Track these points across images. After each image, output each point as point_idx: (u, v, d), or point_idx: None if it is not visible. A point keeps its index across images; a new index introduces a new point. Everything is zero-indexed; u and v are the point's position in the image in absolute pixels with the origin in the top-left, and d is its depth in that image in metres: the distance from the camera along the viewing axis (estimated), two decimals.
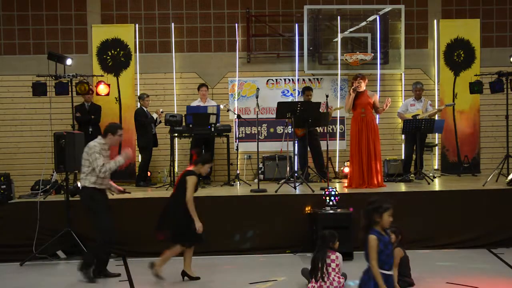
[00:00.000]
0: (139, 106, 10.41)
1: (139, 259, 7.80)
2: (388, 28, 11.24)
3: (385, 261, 4.57)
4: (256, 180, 9.68)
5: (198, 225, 6.52)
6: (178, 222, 6.57)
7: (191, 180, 6.55)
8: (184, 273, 6.80)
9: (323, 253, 6.21)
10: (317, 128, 10.27)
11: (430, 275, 6.84)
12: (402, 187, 9.15)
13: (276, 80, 11.48)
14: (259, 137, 10.88)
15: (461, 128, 11.28)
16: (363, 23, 11.33)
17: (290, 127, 10.24)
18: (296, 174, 9.17)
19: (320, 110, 9.58)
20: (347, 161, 10.31)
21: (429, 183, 9.16)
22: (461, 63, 11.28)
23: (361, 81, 8.89)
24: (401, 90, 11.50)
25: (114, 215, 8.06)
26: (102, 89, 9.75)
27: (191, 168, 6.75)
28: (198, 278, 6.80)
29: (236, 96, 11.41)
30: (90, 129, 10.21)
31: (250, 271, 7.16)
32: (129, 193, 7.42)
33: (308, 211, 8.02)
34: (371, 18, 11.26)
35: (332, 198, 7.83)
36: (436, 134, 11.11)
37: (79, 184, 8.64)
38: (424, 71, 11.56)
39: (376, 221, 4.59)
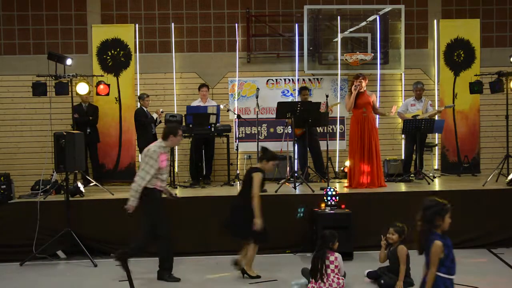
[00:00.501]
0: (139, 106, 10.41)
1: (139, 259, 7.80)
2: (388, 28, 11.24)
3: (450, 266, 4.34)
4: None
5: (258, 222, 6.57)
6: (246, 218, 6.64)
7: (256, 177, 6.66)
8: (243, 271, 6.86)
9: (322, 254, 6.21)
10: (317, 128, 10.27)
11: None
12: (402, 187, 9.15)
13: (276, 80, 11.48)
14: (259, 137, 10.89)
15: (461, 128, 11.28)
16: (363, 23, 11.32)
17: (289, 127, 10.24)
18: (296, 174, 9.17)
19: (320, 110, 9.59)
20: (346, 161, 10.30)
21: (429, 183, 9.16)
22: (461, 63, 11.28)
23: (362, 80, 8.90)
24: (401, 90, 11.50)
25: (114, 215, 8.12)
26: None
27: (257, 165, 6.91)
28: (259, 277, 6.81)
29: (236, 96, 11.41)
30: (88, 130, 10.24)
31: None
32: (178, 198, 7.53)
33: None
34: (371, 18, 11.25)
35: (332, 198, 7.83)
36: (436, 134, 11.11)
37: (79, 184, 8.68)
38: (424, 71, 11.56)
39: (438, 224, 4.34)
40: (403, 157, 10.71)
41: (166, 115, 9.72)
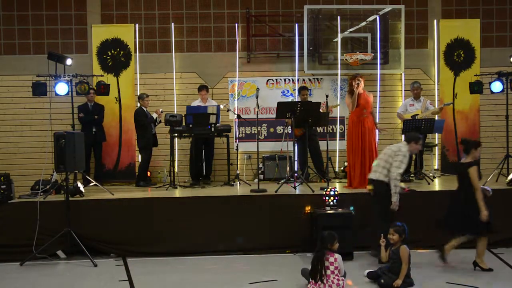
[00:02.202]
0: (138, 106, 10.40)
1: (139, 259, 7.82)
2: (388, 28, 11.23)
3: None
4: (256, 180, 9.68)
5: (484, 214, 6.75)
6: (470, 213, 6.80)
7: (473, 171, 6.82)
8: (475, 264, 7.00)
9: (321, 255, 6.21)
10: (317, 128, 10.26)
11: (430, 275, 6.85)
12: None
13: (276, 80, 11.47)
14: (259, 137, 10.89)
15: (461, 128, 11.28)
16: (363, 23, 11.32)
17: (289, 127, 10.24)
18: (296, 174, 9.17)
19: (320, 110, 9.58)
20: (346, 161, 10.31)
21: (429, 183, 9.16)
22: (461, 63, 11.28)
23: (360, 79, 8.86)
24: (401, 90, 11.48)
25: (114, 215, 8.13)
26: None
27: (467, 159, 6.98)
28: (491, 270, 6.95)
29: (236, 96, 11.40)
30: (94, 129, 10.25)
31: (250, 271, 7.16)
32: (409, 191, 7.84)
33: (308, 211, 8.01)
34: (371, 18, 11.25)
35: (332, 198, 7.83)
36: (436, 134, 11.11)
37: (79, 184, 8.68)
38: (424, 71, 11.56)
39: None
40: None
41: (166, 115, 9.71)
